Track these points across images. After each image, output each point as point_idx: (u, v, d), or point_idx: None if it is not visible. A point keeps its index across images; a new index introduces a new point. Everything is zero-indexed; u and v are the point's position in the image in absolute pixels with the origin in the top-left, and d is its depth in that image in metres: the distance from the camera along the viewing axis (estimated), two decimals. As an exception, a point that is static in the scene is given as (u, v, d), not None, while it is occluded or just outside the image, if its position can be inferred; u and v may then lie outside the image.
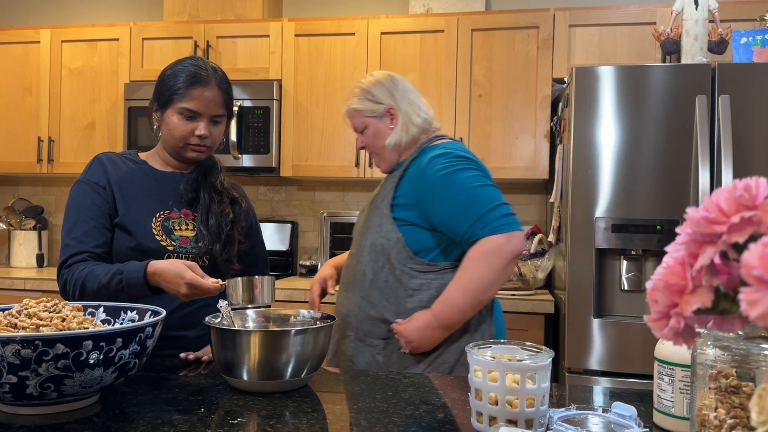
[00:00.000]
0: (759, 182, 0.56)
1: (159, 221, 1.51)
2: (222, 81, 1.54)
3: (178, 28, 3.31)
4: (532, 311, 2.67)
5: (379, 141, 1.75)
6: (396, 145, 1.73)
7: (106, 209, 1.49)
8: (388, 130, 1.75)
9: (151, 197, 1.53)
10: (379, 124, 1.75)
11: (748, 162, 2.28)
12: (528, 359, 0.95)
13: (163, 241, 1.49)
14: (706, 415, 0.74)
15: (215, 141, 1.56)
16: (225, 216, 1.56)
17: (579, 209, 2.39)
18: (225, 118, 1.57)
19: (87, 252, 1.45)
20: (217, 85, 1.52)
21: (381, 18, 3.12)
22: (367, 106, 1.76)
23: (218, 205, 1.56)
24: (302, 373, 1.20)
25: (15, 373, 0.95)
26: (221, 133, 1.58)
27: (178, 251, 1.49)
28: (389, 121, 1.75)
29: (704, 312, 0.59)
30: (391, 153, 1.75)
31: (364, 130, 1.77)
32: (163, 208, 1.53)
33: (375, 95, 1.76)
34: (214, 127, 1.54)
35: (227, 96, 1.56)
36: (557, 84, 2.96)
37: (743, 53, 2.55)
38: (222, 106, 1.54)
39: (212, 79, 1.51)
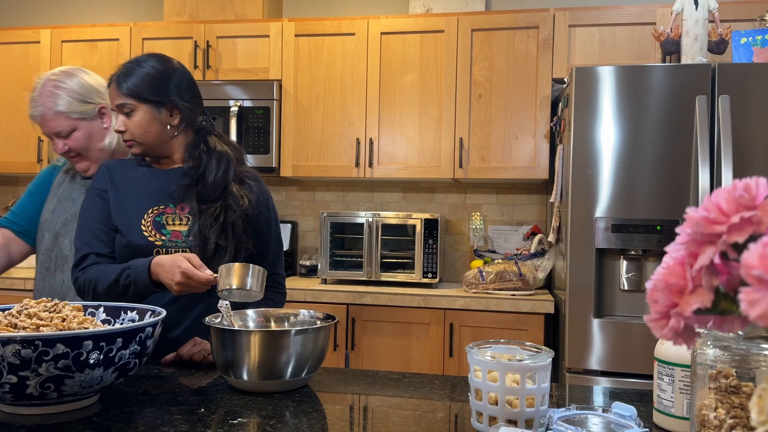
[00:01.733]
0: (759, 182, 0.56)
1: (151, 217, 1.53)
2: (120, 75, 1.52)
3: (178, 28, 3.31)
4: (532, 311, 2.67)
5: (94, 143, 1.67)
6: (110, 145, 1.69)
7: (108, 212, 1.56)
8: (103, 131, 1.69)
9: (146, 195, 1.56)
10: (91, 126, 1.67)
11: (748, 162, 2.29)
12: (528, 359, 0.95)
13: (151, 236, 1.51)
14: (706, 415, 0.74)
15: (136, 132, 1.52)
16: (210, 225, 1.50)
17: (579, 209, 2.39)
18: (136, 107, 1.51)
19: (95, 253, 1.52)
20: (115, 81, 1.53)
21: (381, 18, 3.12)
22: (74, 107, 1.67)
23: (207, 215, 1.51)
24: (302, 373, 1.20)
25: (15, 373, 0.95)
26: (140, 123, 1.51)
27: (167, 246, 1.51)
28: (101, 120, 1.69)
29: (704, 312, 0.59)
30: (105, 155, 1.69)
31: (71, 134, 1.67)
32: (157, 203, 1.55)
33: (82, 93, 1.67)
34: (128, 119, 1.52)
35: (125, 86, 1.51)
36: (557, 84, 2.96)
37: (743, 53, 2.55)
38: (122, 96, 1.51)
39: (112, 78, 1.55)
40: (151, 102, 1.52)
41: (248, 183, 1.60)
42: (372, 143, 3.12)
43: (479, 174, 3.02)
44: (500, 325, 2.71)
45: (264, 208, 1.64)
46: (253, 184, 1.61)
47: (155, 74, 1.53)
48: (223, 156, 1.59)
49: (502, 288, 2.82)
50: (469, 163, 3.03)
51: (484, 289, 2.83)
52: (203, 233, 1.49)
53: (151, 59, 1.56)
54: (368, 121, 3.13)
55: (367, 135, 3.13)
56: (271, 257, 1.67)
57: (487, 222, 3.38)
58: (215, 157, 1.58)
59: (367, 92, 3.13)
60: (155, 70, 1.54)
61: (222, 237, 1.50)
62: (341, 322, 2.84)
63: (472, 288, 2.85)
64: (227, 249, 1.50)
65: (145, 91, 1.51)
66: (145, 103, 1.52)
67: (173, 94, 1.55)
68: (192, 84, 1.62)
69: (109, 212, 1.55)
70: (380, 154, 3.12)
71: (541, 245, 3.01)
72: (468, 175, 3.02)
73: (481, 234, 3.33)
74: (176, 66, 1.59)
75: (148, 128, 1.53)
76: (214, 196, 1.53)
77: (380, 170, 3.12)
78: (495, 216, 3.38)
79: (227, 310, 1.30)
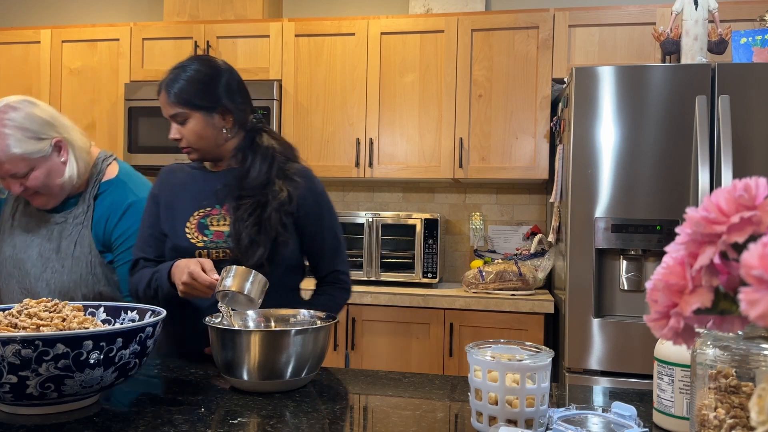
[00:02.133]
0: (759, 182, 0.56)
1: (196, 219, 1.55)
2: (169, 83, 1.51)
3: (178, 28, 3.31)
4: (532, 311, 2.67)
5: (53, 180, 1.54)
6: (72, 179, 1.57)
7: (158, 217, 1.59)
8: (61, 166, 1.55)
9: (194, 198, 1.58)
10: (49, 162, 1.54)
11: (748, 162, 2.29)
12: (528, 359, 0.95)
13: (194, 238, 1.52)
14: (705, 415, 0.74)
15: (191, 139, 1.52)
16: (244, 220, 1.49)
17: (579, 209, 2.39)
18: (189, 115, 1.50)
19: (143, 258, 1.57)
20: (164, 89, 1.52)
21: (381, 18, 3.12)
22: (30, 148, 1.50)
23: (242, 210, 1.50)
24: (302, 373, 1.20)
25: (15, 373, 0.95)
26: (194, 129, 1.51)
27: (208, 246, 1.52)
28: (58, 154, 1.55)
29: (704, 312, 0.59)
30: (66, 190, 1.58)
31: (29, 174, 1.52)
32: (204, 206, 1.56)
33: (35, 131, 1.51)
34: (182, 127, 1.52)
35: (176, 95, 1.49)
36: (557, 84, 2.96)
37: (743, 53, 2.55)
38: (173, 105, 1.50)
39: (162, 85, 1.53)
40: (203, 108, 1.51)
41: (293, 179, 1.56)
42: (372, 143, 3.12)
43: (479, 174, 3.02)
44: (500, 325, 2.71)
45: (312, 206, 1.58)
46: (300, 181, 1.56)
47: (202, 78, 1.51)
48: (268, 152, 1.57)
49: (502, 288, 2.82)
50: (469, 163, 3.03)
51: (484, 289, 2.83)
52: (237, 229, 1.49)
53: (195, 63, 1.53)
54: (368, 121, 3.13)
55: (367, 135, 3.13)
56: (328, 253, 1.63)
57: (487, 222, 3.38)
58: (260, 154, 1.56)
59: (367, 92, 3.13)
60: (201, 74, 1.51)
61: (256, 232, 1.48)
62: (341, 321, 2.84)
63: (472, 288, 2.85)
64: (261, 244, 1.47)
65: (195, 98, 1.50)
66: (197, 109, 1.50)
67: (223, 97, 1.53)
68: (240, 83, 1.59)
69: (158, 217, 1.57)
70: (380, 154, 3.12)
71: (541, 245, 3.01)
72: (468, 175, 3.02)
73: (481, 234, 3.33)
74: (222, 66, 1.56)
75: (202, 134, 1.52)
76: (254, 193, 1.51)
77: (380, 170, 3.12)
78: (495, 216, 3.38)
79: (228, 310, 1.30)
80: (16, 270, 1.60)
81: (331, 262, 1.63)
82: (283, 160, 1.58)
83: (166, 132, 1.57)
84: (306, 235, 1.59)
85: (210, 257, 1.51)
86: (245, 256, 1.46)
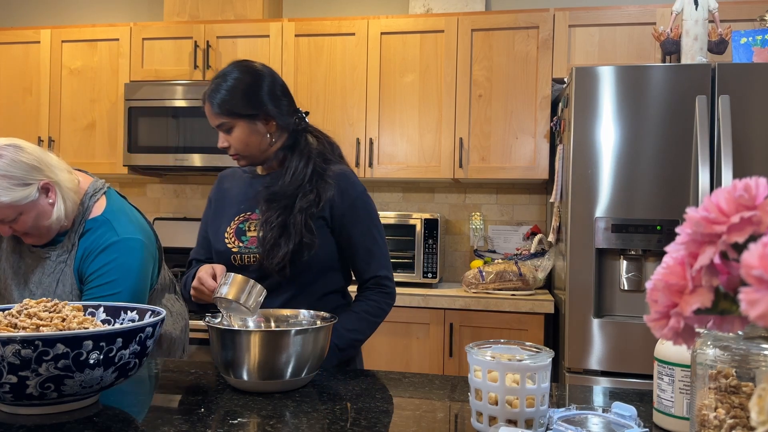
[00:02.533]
0: (759, 182, 0.56)
1: (235, 224, 1.58)
2: (211, 93, 1.53)
3: (178, 28, 3.31)
4: (532, 311, 2.67)
5: (41, 222, 1.52)
6: (60, 219, 1.54)
7: (208, 221, 1.67)
8: (48, 207, 1.52)
9: (239, 202, 1.62)
10: (37, 206, 1.50)
11: (748, 162, 2.29)
12: (528, 359, 0.95)
13: (230, 243, 1.56)
14: (706, 415, 0.74)
15: (238, 147, 1.55)
16: (271, 222, 1.50)
17: (579, 209, 2.39)
18: (233, 123, 1.52)
19: (196, 260, 1.67)
20: (208, 100, 1.54)
21: (381, 18, 3.12)
22: (18, 195, 1.47)
23: (270, 212, 1.52)
24: (302, 373, 1.20)
25: (15, 373, 0.95)
26: (240, 137, 1.53)
27: (242, 252, 1.55)
28: (45, 197, 1.52)
29: (704, 312, 0.59)
30: (56, 228, 1.55)
31: (18, 218, 1.49)
32: (245, 210, 1.60)
33: (21, 177, 1.48)
34: (228, 135, 1.55)
35: (219, 105, 1.51)
36: (557, 84, 2.96)
37: (743, 53, 2.55)
38: (217, 116, 1.53)
39: (205, 97, 1.55)
40: (246, 116, 1.52)
41: (326, 181, 1.55)
42: (372, 143, 3.12)
43: (479, 174, 3.02)
44: (500, 325, 2.71)
45: (347, 208, 1.56)
46: (332, 183, 1.55)
47: (243, 87, 1.52)
48: (304, 154, 1.57)
49: (502, 288, 2.82)
50: (469, 163, 3.03)
51: (484, 289, 2.83)
52: (262, 233, 1.51)
53: (236, 71, 1.54)
54: (368, 121, 3.13)
55: (367, 135, 3.13)
56: (363, 257, 1.58)
57: (487, 222, 3.38)
58: (298, 155, 1.57)
59: (367, 92, 3.13)
60: (242, 82, 1.52)
61: (279, 235, 1.49)
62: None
63: (472, 288, 2.85)
64: (283, 246, 1.48)
65: (237, 107, 1.51)
66: (240, 118, 1.52)
67: (265, 104, 1.54)
68: (282, 87, 1.59)
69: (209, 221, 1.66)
70: (380, 154, 3.12)
71: (541, 245, 3.01)
72: (468, 175, 3.02)
73: (481, 234, 3.33)
74: (262, 72, 1.57)
75: (248, 141, 1.54)
76: (286, 195, 1.52)
77: (380, 170, 3.12)
78: (495, 216, 3.38)
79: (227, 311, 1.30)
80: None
81: (367, 266, 1.59)
82: (322, 161, 1.58)
83: (166, 132, 1.58)
84: (340, 238, 1.57)
85: (243, 262, 1.55)
86: (268, 258, 1.49)
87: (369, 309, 1.57)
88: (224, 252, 1.57)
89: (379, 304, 1.59)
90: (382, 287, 1.60)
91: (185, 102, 3.19)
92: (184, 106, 3.19)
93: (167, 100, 3.21)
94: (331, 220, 1.56)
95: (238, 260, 1.55)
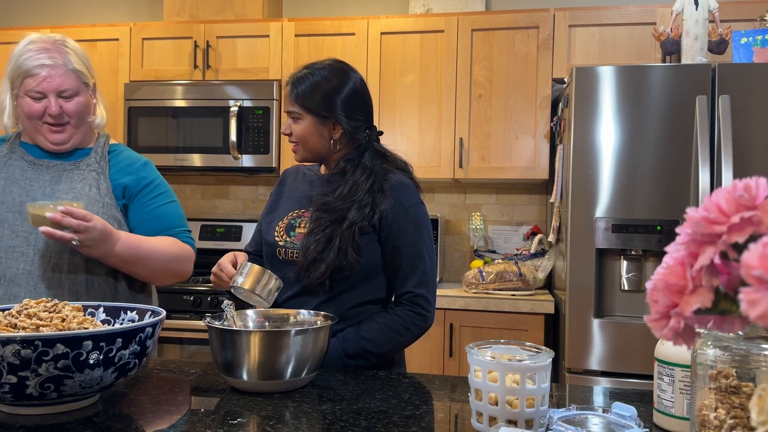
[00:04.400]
0: (759, 182, 0.56)
1: (288, 219, 1.60)
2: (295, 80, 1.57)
3: (178, 28, 3.31)
4: (532, 311, 2.67)
5: (87, 114, 1.62)
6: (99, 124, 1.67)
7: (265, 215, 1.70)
8: (93, 105, 1.64)
9: (295, 199, 1.63)
10: (88, 96, 1.62)
11: (748, 162, 2.28)
12: (528, 359, 0.95)
13: (279, 236, 1.58)
14: (706, 415, 0.74)
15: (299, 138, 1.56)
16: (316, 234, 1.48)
17: (579, 209, 2.39)
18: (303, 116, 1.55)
19: (246, 251, 1.68)
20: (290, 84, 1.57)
21: (381, 18, 3.12)
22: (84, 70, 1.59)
23: (318, 223, 1.49)
24: (302, 373, 1.20)
25: (15, 373, 0.95)
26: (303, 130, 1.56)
27: (287, 247, 1.56)
28: (93, 96, 1.65)
29: (704, 312, 0.59)
30: (89, 130, 1.66)
31: (73, 98, 1.57)
32: (299, 207, 1.61)
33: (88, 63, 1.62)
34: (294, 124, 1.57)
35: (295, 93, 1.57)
36: (557, 84, 2.96)
37: (743, 53, 2.55)
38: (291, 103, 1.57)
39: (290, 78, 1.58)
40: (316, 114, 1.52)
41: (384, 193, 1.50)
42: (372, 143, 3.12)
43: (479, 174, 3.02)
44: (500, 325, 2.71)
45: (397, 219, 1.50)
46: (389, 193, 1.50)
47: (326, 86, 1.52)
48: (366, 170, 1.53)
49: (502, 288, 2.82)
50: (469, 163, 3.03)
51: (484, 289, 2.83)
52: (307, 242, 1.49)
53: (326, 69, 1.54)
54: (368, 121, 3.12)
55: (367, 135, 3.12)
56: (404, 270, 1.50)
57: (487, 222, 3.38)
58: (360, 169, 1.53)
59: (367, 92, 3.12)
60: (327, 81, 1.52)
61: (322, 249, 1.46)
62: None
63: (472, 288, 2.85)
64: (324, 261, 1.45)
65: (313, 103, 1.51)
66: (310, 113, 1.52)
67: (339, 110, 1.52)
68: (361, 99, 1.57)
69: None
70: (380, 154, 3.12)
71: (541, 245, 3.01)
72: (468, 175, 3.02)
73: (481, 234, 3.33)
74: (350, 78, 1.55)
75: (309, 138, 1.54)
76: (338, 207, 1.49)
77: (380, 170, 3.11)
78: (495, 216, 3.38)
79: (230, 311, 1.30)
80: (9, 214, 1.55)
81: (405, 280, 1.50)
82: (383, 174, 1.53)
83: (166, 132, 1.59)
84: (385, 249, 1.52)
85: (287, 257, 1.54)
86: (307, 272, 1.47)
87: (391, 323, 1.48)
88: (272, 244, 1.57)
89: (404, 322, 1.48)
90: (414, 305, 1.49)
91: (185, 102, 3.19)
92: (183, 106, 3.19)
93: (167, 100, 3.21)
94: (379, 231, 1.51)
95: (282, 254, 1.55)
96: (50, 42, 1.55)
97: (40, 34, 1.60)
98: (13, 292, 1.51)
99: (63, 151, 1.61)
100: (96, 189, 1.59)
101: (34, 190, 1.57)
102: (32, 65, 1.51)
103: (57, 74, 1.52)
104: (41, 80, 1.51)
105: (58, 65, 1.52)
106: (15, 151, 1.63)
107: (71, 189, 1.58)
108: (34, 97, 1.53)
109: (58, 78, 1.52)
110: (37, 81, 1.51)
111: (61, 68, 1.52)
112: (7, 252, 1.52)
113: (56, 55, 1.53)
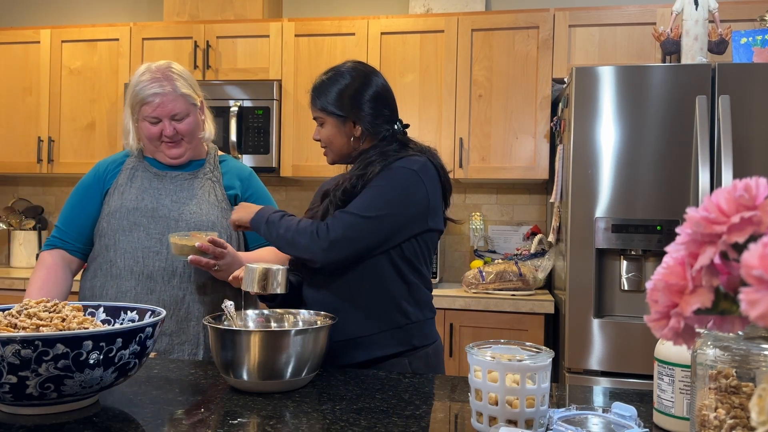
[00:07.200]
0: (759, 182, 0.56)
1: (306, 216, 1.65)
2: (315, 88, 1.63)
3: (178, 28, 3.31)
4: (532, 311, 2.67)
5: (198, 131, 1.79)
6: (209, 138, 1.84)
7: None
8: (201, 122, 1.80)
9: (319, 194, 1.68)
10: (197, 115, 1.78)
11: (748, 162, 2.28)
12: (528, 359, 0.95)
13: None
14: (706, 415, 0.74)
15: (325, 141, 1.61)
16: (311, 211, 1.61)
17: (579, 209, 2.39)
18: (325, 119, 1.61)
19: None
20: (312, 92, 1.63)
21: (381, 18, 3.12)
22: (191, 93, 1.75)
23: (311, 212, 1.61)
24: (302, 373, 1.20)
25: (15, 373, 0.95)
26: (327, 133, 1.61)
27: None
28: (201, 113, 1.80)
29: (704, 312, 0.59)
30: (201, 145, 1.83)
31: (185, 119, 1.74)
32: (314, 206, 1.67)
33: (193, 85, 1.77)
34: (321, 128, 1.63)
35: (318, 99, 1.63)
36: (557, 84, 2.96)
37: (743, 53, 2.55)
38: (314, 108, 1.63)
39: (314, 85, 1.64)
40: (335, 115, 1.57)
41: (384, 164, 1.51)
42: (372, 143, 3.12)
43: (479, 174, 3.02)
44: (500, 325, 2.71)
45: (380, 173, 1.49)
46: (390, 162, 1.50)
47: (346, 90, 1.55)
48: (381, 155, 1.53)
49: (502, 288, 2.82)
50: (469, 163, 3.03)
51: (484, 289, 2.83)
52: None
53: (348, 73, 1.57)
54: (368, 121, 3.12)
55: (367, 135, 3.12)
56: None
57: (487, 222, 3.38)
58: (375, 153, 1.54)
59: (367, 92, 3.12)
60: (346, 85, 1.56)
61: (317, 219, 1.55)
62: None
63: (472, 288, 2.85)
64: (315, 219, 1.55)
65: (332, 106, 1.56)
66: (331, 116, 1.57)
67: (359, 110, 1.55)
68: (382, 98, 1.58)
69: None
70: (380, 154, 3.12)
71: (541, 245, 3.01)
72: (468, 175, 3.02)
73: (481, 234, 3.33)
74: (372, 79, 1.57)
75: (334, 140, 1.59)
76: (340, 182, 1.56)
77: (380, 170, 3.12)
78: (495, 216, 3.38)
79: (230, 311, 1.30)
80: (144, 219, 1.72)
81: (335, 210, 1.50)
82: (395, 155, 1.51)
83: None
84: None
85: None
86: None
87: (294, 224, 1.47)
88: None
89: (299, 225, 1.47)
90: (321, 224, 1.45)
91: (185, 102, 3.19)
92: (184, 106, 3.19)
93: (167, 100, 3.21)
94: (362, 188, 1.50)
95: None
96: (159, 71, 1.71)
97: (149, 63, 1.75)
98: (150, 286, 1.67)
99: (180, 164, 1.79)
100: (214, 195, 1.78)
101: (162, 197, 1.75)
102: (147, 94, 1.69)
103: (168, 100, 1.69)
104: (155, 107, 1.69)
105: (167, 92, 1.69)
106: (141, 165, 1.81)
107: (194, 196, 1.76)
108: (151, 121, 1.72)
109: (170, 104, 1.70)
110: (152, 108, 1.69)
111: (170, 95, 1.69)
112: (144, 252, 1.69)
113: (165, 83, 1.70)
